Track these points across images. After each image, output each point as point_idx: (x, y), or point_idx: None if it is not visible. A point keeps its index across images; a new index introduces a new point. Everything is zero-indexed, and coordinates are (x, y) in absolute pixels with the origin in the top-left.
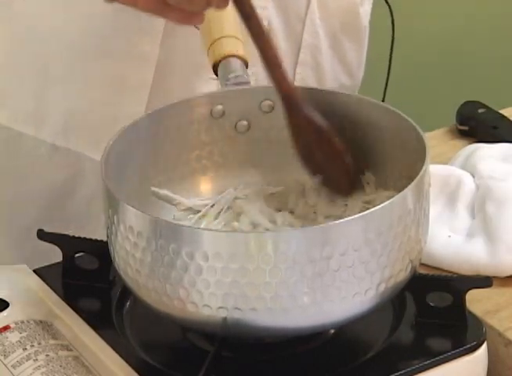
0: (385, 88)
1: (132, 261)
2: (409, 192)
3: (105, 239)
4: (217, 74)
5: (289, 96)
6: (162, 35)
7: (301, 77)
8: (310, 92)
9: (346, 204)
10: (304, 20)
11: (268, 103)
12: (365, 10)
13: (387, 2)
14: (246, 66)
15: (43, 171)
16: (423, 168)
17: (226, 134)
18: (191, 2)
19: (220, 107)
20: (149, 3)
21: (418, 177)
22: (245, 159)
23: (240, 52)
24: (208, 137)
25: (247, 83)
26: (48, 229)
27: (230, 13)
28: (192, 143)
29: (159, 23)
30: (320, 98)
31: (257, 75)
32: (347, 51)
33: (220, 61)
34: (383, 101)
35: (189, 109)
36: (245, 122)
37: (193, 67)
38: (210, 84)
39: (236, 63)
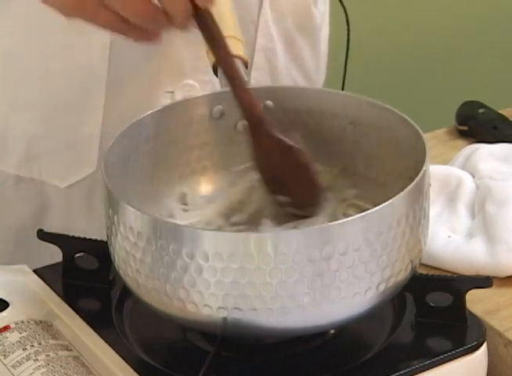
0: (342, 88)
1: (132, 261)
2: (409, 192)
3: (105, 239)
4: (217, 75)
5: (260, 120)
6: (110, 50)
7: (257, 81)
8: (310, 92)
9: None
10: (257, 23)
11: (267, 103)
12: (319, 9)
13: (341, 3)
14: (246, 67)
15: (9, 204)
16: (423, 168)
17: (226, 134)
18: (153, 24)
19: (219, 107)
20: (110, 21)
21: (418, 177)
22: (245, 159)
23: (240, 53)
24: (208, 137)
25: (246, 83)
26: (19, 260)
27: (230, 14)
28: (192, 144)
29: (105, 37)
30: (319, 98)
31: (279, 78)
32: (302, 52)
33: None
34: None
35: (188, 109)
36: (245, 123)
37: (146, 83)
38: (165, 99)
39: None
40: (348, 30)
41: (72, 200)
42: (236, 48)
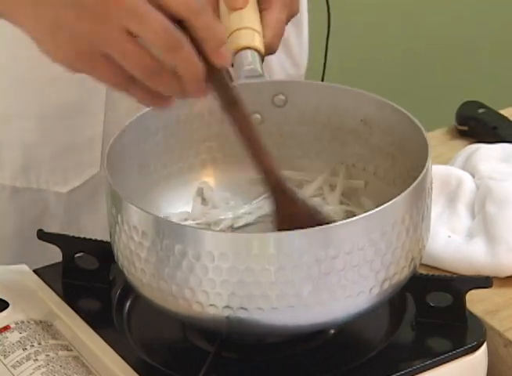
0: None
1: (137, 260)
2: (411, 192)
3: (104, 239)
4: (232, 65)
5: (280, 187)
6: None
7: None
8: (322, 87)
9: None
10: None
11: (280, 97)
12: None
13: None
14: (263, 59)
15: (7, 215)
16: (426, 166)
17: None
18: (159, 82)
19: None
20: (112, 74)
21: (420, 177)
22: None
23: (257, 44)
24: (220, 129)
25: (261, 76)
26: (36, 262)
27: (251, 5)
28: (204, 135)
29: None
30: (331, 94)
31: (271, 68)
32: (289, 39)
33: (236, 53)
34: None
35: (200, 100)
36: (258, 115)
37: None
38: None
39: (252, 55)
40: (329, 28)
41: (74, 204)
42: (252, 39)
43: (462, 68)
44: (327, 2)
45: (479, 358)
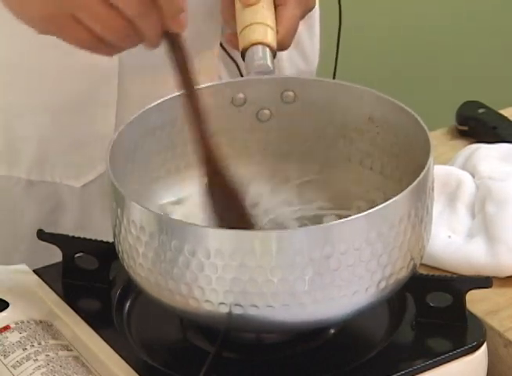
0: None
1: (136, 254)
2: (410, 192)
3: (104, 239)
4: (244, 60)
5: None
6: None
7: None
8: (321, 85)
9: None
10: None
11: (289, 93)
12: None
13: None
14: (274, 55)
15: (21, 209)
16: (426, 166)
17: (248, 122)
18: (124, 39)
19: (241, 95)
20: (81, 38)
21: (420, 177)
22: (266, 148)
23: (268, 40)
24: (229, 124)
25: (271, 72)
26: (36, 261)
27: (265, 0)
28: (213, 130)
29: None
30: (331, 92)
31: (282, 62)
32: (301, 36)
33: (247, 48)
34: None
35: (209, 96)
36: (267, 111)
37: (156, 77)
38: (175, 92)
39: (262, 51)
40: (339, 29)
41: (87, 198)
42: (265, 35)
43: (462, 68)
44: (340, 11)
45: (479, 358)
